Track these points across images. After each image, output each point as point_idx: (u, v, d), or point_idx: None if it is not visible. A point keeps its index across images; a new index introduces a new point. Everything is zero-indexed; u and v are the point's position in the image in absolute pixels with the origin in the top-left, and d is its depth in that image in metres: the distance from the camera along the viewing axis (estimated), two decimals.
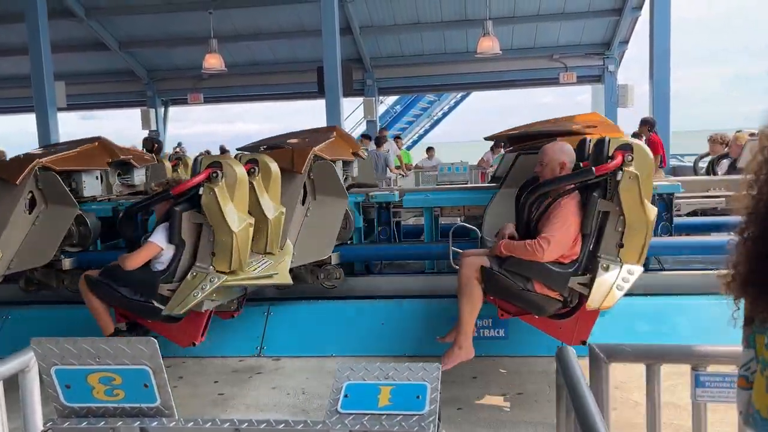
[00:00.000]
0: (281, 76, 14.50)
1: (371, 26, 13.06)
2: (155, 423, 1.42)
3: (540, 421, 3.49)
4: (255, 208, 3.86)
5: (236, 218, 3.57)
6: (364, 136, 12.86)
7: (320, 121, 10.49)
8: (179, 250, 3.68)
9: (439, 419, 1.65)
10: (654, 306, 4.52)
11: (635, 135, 9.83)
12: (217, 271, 3.62)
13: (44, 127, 10.25)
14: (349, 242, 5.05)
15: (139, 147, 8.25)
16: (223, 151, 10.38)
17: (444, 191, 5.84)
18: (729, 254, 1.13)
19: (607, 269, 3.44)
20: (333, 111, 10.38)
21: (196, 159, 3.77)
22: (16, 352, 1.80)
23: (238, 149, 4.96)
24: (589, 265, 3.49)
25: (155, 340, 1.34)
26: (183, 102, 15.49)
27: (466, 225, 4.67)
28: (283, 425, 1.43)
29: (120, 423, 1.39)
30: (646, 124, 8.99)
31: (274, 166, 3.98)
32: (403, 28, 13.11)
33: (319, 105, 10.82)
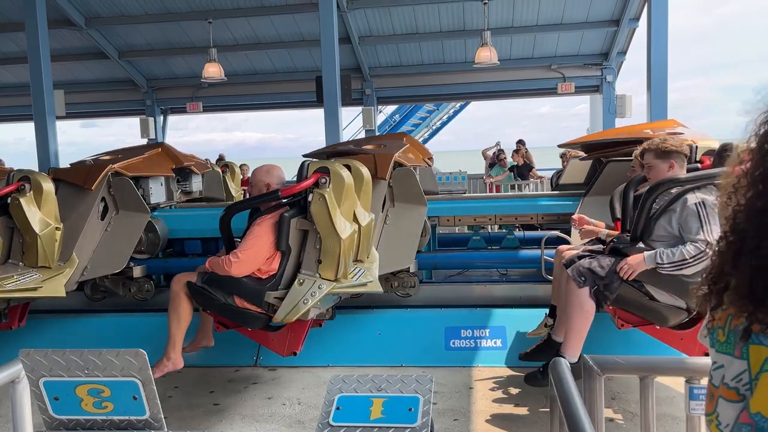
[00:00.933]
0: (280, 85, 14.52)
1: (370, 36, 13.10)
2: None
3: None
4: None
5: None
6: None
7: (320, 130, 10.49)
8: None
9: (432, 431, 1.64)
10: None
11: None
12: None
13: (43, 136, 10.23)
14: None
15: None
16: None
17: (443, 200, 5.83)
18: (705, 266, 1.12)
19: (301, 284, 3.48)
20: (332, 120, 10.38)
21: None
22: (6, 362, 1.78)
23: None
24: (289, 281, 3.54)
25: (144, 352, 1.34)
26: (182, 111, 15.49)
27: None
28: None
29: None
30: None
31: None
32: (401, 38, 13.15)
33: (318, 114, 10.83)
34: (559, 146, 5.79)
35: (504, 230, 6.13)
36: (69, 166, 4.95)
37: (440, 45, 13.46)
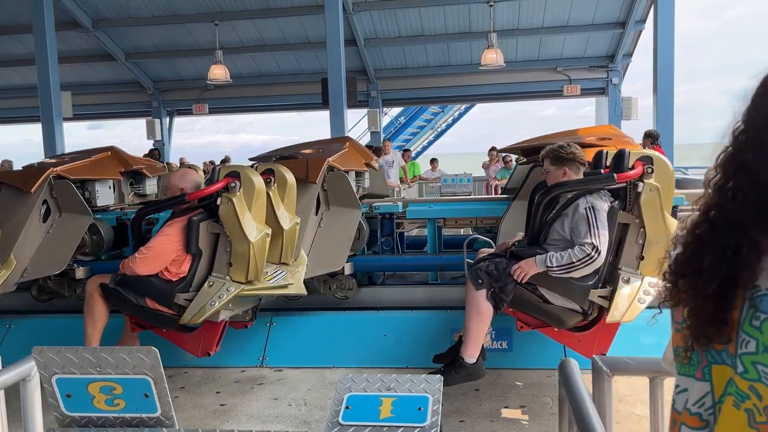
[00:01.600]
0: (286, 87, 14.57)
1: (375, 38, 13.13)
2: None
3: None
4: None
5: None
6: (368, 147, 12.90)
7: (325, 132, 10.53)
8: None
9: (440, 431, 1.64)
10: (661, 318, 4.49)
11: None
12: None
13: (50, 137, 10.30)
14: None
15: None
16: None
17: (447, 202, 5.85)
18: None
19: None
20: (337, 122, 10.41)
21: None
22: (17, 360, 1.80)
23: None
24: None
25: (156, 350, 1.35)
26: (188, 112, 15.56)
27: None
28: None
29: None
30: (649, 137, 9.00)
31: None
32: (407, 40, 13.18)
33: (324, 116, 10.86)
34: (499, 151, 5.82)
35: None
36: (21, 169, 5.00)
37: (446, 47, 13.48)
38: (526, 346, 4.60)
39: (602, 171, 3.60)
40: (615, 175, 3.37)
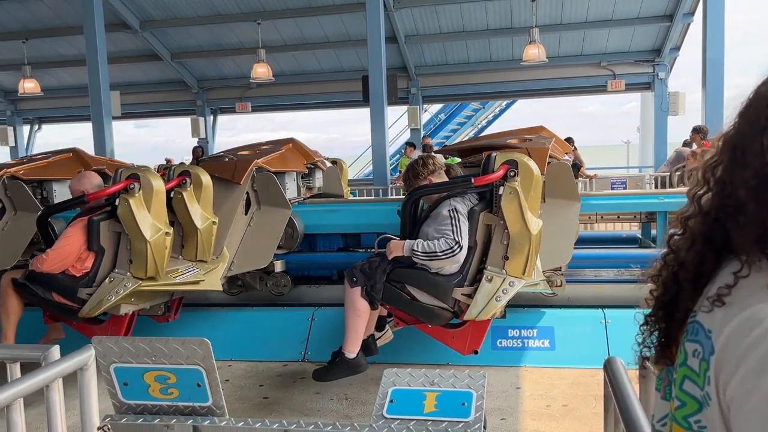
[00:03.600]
0: (327, 84, 14.66)
1: (416, 35, 13.10)
2: (207, 422, 1.46)
3: None
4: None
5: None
6: (408, 144, 12.90)
7: (365, 130, 10.56)
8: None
9: (484, 427, 1.65)
10: None
11: (686, 143, 9.59)
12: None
13: (100, 135, 10.61)
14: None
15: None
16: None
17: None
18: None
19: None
20: (377, 119, 10.44)
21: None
22: (76, 350, 1.87)
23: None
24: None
25: (208, 341, 1.39)
26: (231, 111, 15.81)
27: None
28: (330, 428, 1.45)
29: (174, 421, 1.44)
30: (699, 133, 8.78)
31: (206, 178, 4.26)
32: (448, 37, 13.11)
33: (364, 113, 10.90)
34: (436, 152, 5.80)
35: None
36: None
37: (487, 43, 13.36)
38: (568, 345, 4.55)
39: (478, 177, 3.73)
40: (472, 179, 3.59)
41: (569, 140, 13.03)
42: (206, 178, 4.27)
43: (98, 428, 1.74)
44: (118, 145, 11.19)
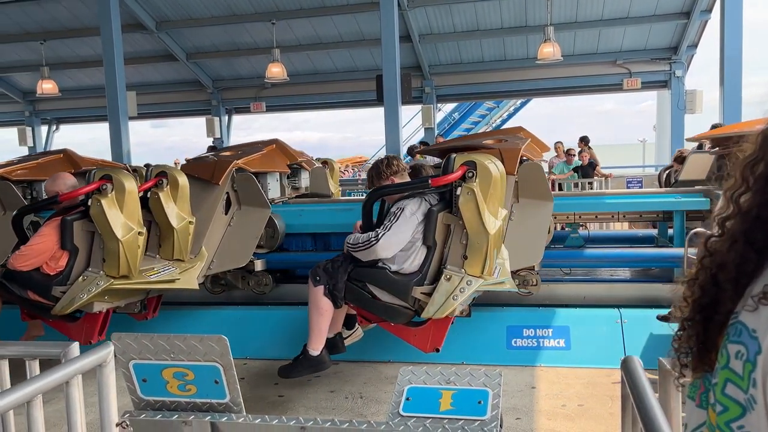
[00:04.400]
0: (341, 84, 14.69)
1: (430, 34, 13.08)
2: (225, 418, 1.48)
3: None
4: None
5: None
6: (422, 143, 12.89)
7: (378, 129, 10.57)
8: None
9: (501, 426, 1.65)
10: None
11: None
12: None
13: (117, 135, 10.71)
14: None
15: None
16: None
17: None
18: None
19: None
20: (391, 119, 10.44)
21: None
22: (95, 347, 1.89)
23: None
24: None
25: (226, 338, 1.40)
26: (246, 111, 15.89)
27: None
28: (347, 425, 1.46)
29: (192, 417, 1.45)
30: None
31: (183, 179, 4.33)
32: (462, 35, 13.08)
33: (378, 113, 10.91)
34: (417, 152, 5.82)
35: (568, 228, 6.02)
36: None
37: (501, 41, 13.31)
38: (584, 345, 4.53)
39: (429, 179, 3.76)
40: (430, 179, 3.59)
41: (584, 139, 12.98)
42: (183, 179, 4.34)
43: (117, 424, 1.76)
44: (135, 145, 11.27)
